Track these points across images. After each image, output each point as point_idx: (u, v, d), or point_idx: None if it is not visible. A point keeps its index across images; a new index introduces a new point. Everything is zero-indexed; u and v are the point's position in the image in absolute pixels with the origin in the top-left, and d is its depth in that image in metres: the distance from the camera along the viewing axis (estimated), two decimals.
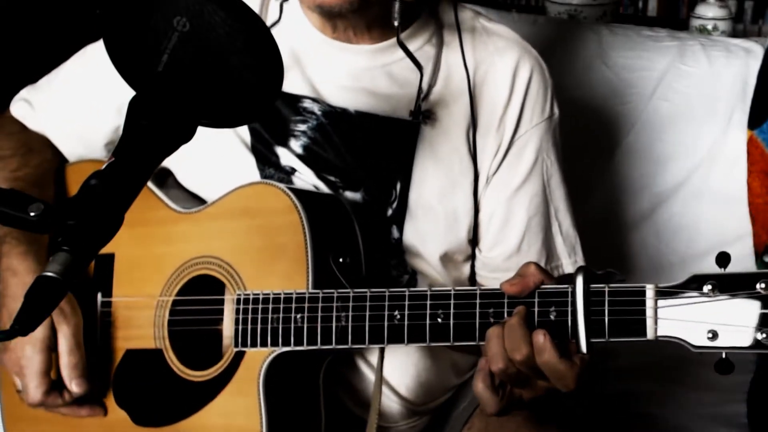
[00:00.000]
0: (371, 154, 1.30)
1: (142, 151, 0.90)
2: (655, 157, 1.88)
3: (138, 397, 1.29)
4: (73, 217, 0.84)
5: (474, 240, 1.33)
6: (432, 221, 1.29)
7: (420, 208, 1.29)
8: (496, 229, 1.32)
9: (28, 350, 1.24)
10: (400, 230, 1.29)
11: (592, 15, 2.36)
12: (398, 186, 1.29)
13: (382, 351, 1.20)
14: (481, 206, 1.32)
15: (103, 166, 0.89)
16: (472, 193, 1.30)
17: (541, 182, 1.33)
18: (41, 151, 1.43)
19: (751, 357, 1.73)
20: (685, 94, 1.88)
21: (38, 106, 1.44)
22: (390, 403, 1.32)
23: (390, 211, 1.29)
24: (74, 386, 1.26)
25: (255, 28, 0.90)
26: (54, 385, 1.27)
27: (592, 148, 1.88)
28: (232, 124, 0.98)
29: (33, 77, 1.49)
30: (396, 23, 1.22)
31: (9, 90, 1.50)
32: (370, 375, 1.29)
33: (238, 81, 0.91)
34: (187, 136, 0.93)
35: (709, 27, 2.28)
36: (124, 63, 0.92)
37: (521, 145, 1.31)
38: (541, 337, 1.02)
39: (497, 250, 1.33)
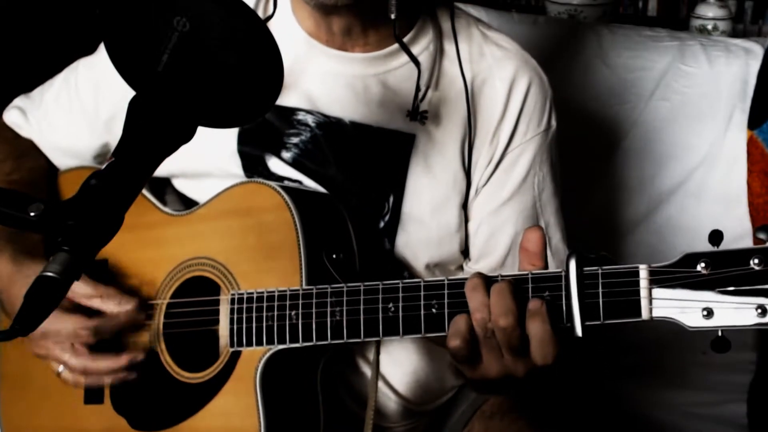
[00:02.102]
0: (364, 166, 1.28)
1: (142, 151, 0.90)
2: (654, 157, 1.88)
3: (135, 402, 1.28)
4: (73, 217, 0.85)
5: (466, 251, 1.32)
6: (424, 235, 1.28)
7: (412, 221, 1.27)
8: (482, 242, 1.31)
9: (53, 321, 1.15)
10: (392, 243, 1.28)
11: (592, 15, 2.36)
12: (391, 199, 1.27)
13: (377, 344, 1.20)
14: (470, 216, 1.30)
15: (103, 166, 0.89)
16: (463, 205, 1.29)
17: (531, 196, 1.31)
18: (35, 156, 1.44)
19: (750, 357, 1.74)
20: (685, 94, 1.88)
21: (30, 117, 1.46)
22: (388, 402, 1.32)
23: (382, 224, 1.28)
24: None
25: (254, 27, 0.90)
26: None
27: (591, 148, 1.88)
28: (232, 123, 0.97)
29: (29, 84, 1.50)
30: (393, 16, 1.19)
31: (4, 96, 1.51)
32: (369, 373, 1.28)
33: (239, 80, 0.91)
34: (187, 136, 0.94)
35: (709, 27, 2.29)
36: (124, 63, 0.92)
37: (513, 158, 1.29)
38: (538, 303, 1.01)
39: (482, 263, 1.31)
